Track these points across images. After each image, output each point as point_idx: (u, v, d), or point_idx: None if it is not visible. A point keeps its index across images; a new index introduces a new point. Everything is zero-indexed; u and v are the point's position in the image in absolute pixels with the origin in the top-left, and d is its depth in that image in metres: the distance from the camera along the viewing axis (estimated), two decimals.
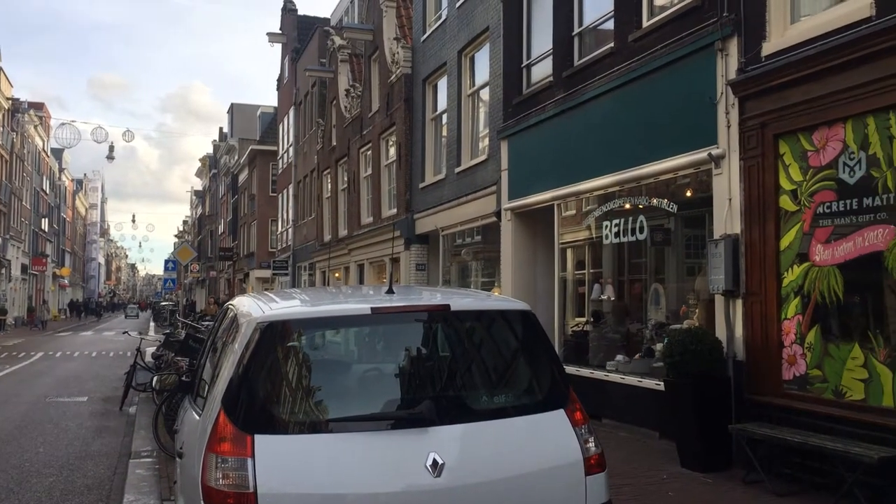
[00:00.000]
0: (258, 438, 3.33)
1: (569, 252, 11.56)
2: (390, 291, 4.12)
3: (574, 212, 11.28)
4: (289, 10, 35.29)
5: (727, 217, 7.69)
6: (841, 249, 6.54)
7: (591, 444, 3.71)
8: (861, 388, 6.31)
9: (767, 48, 7.24)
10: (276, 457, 3.31)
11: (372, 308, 3.81)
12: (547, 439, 3.64)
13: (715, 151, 7.83)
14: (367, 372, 4.08)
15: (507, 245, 12.66)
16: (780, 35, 7.19)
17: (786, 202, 7.11)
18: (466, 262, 15.94)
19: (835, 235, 6.61)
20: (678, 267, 9.66)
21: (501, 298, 5.09)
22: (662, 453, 7.92)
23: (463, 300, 4.33)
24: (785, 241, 7.11)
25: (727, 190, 7.71)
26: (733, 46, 7.67)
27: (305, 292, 5.63)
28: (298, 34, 33.62)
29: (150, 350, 14.60)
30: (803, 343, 6.89)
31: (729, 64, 7.71)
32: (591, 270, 11.21)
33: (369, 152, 21.48)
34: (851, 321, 6.52)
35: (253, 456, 3.29)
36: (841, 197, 6.56)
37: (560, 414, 3.72)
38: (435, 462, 3.36)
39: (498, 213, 12.97)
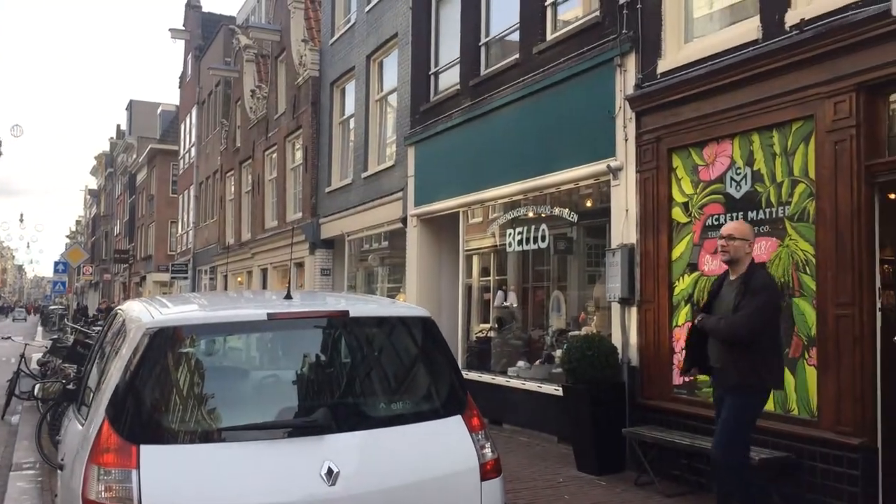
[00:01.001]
0: (144, 449, 3.20)
1: (474, 259, 11.68)
2: (288, 297, 4.05)
3: (479, 219, 11.41)
4: (192, 6, 34.22)
5: (624, 227, 7.95)
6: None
7: (488, 450, 3.75)
8: None
9: (663, 65, 7.54)
10: (163, 468, 3.19)
11: (268, 314, 3.73)
12: (443, 446, 3.66)
13: (613, 163, 8.08)
14: (263, 379, 4.00)
15: (412, 251, 12.68)
16: (675, 53, 7.50)
17: (678, 214, 7.41)
18: (373, 267, 15.86)
19: None
20: (579, 275, 9.90)
21: (403, 305, 5.09)
22: (560, 457, 8.09)
23: (365, 306, 4.32)
24: (677, 252, 7.41)
25: (624, 201, 7.97)
26: (631, 63, 7.95)
27: (202, 297, 5.47)
28: (203, 31, 32.69)
29: (37, 356, 13.82)
30: None
31: (627, 79, 7.98)
32: (496, 277, 11.36)
33: (275, 155, 21.10)
34: None
35: (138, 467, 3.16)
36: (728, 210, 6.89)
37: (457, 420, 3.75)
38: (330, 470, 3.31)
39: (404, 220, 12.97)
